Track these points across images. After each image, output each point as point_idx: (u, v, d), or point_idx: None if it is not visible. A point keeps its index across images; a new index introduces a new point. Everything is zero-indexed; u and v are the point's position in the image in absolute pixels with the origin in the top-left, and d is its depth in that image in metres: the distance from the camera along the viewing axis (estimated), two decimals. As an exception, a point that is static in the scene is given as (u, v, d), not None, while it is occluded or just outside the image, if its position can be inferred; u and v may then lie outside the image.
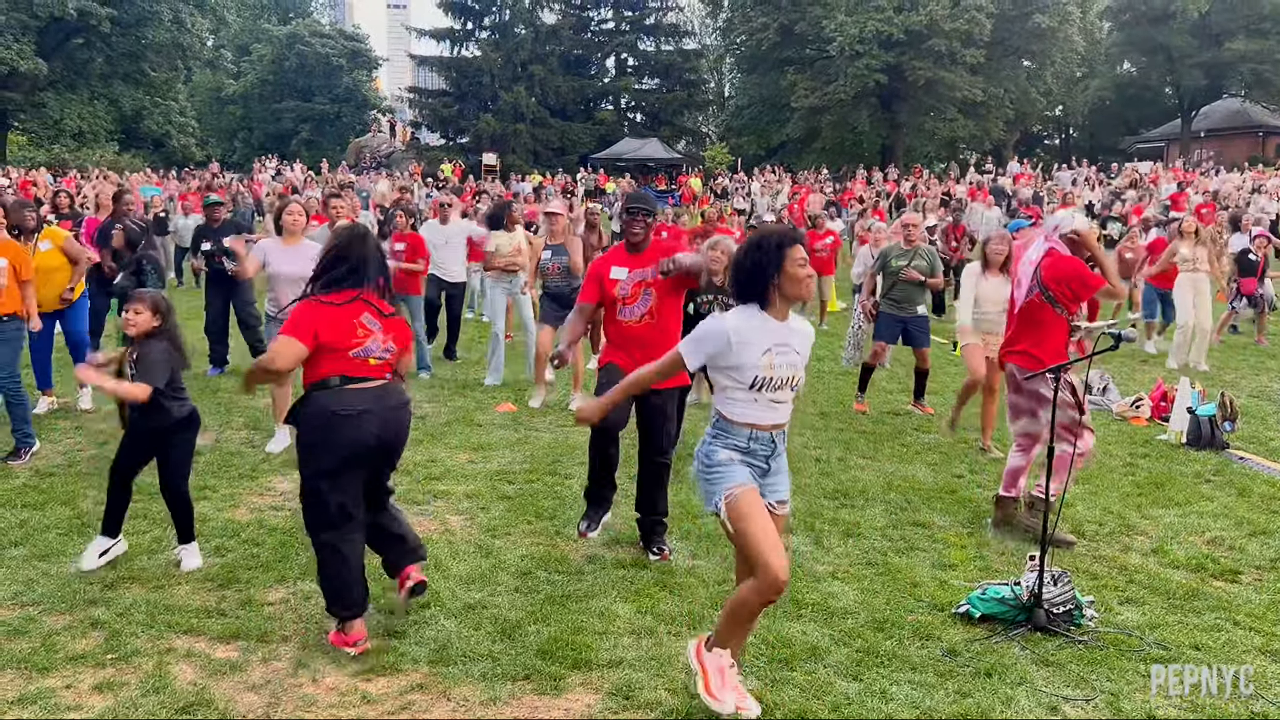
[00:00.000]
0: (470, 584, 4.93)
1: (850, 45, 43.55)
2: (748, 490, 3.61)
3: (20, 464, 6.75)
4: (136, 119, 48.12)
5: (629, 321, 5.22)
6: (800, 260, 3.60)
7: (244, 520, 5.76)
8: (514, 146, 47.60)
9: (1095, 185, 32.08)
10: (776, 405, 3.68)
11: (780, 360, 3.62)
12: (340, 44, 60.56)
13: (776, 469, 3.77)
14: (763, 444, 3.69)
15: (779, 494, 3.78)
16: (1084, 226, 5.78)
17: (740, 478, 3.64)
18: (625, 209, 5.35)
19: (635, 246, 5.26)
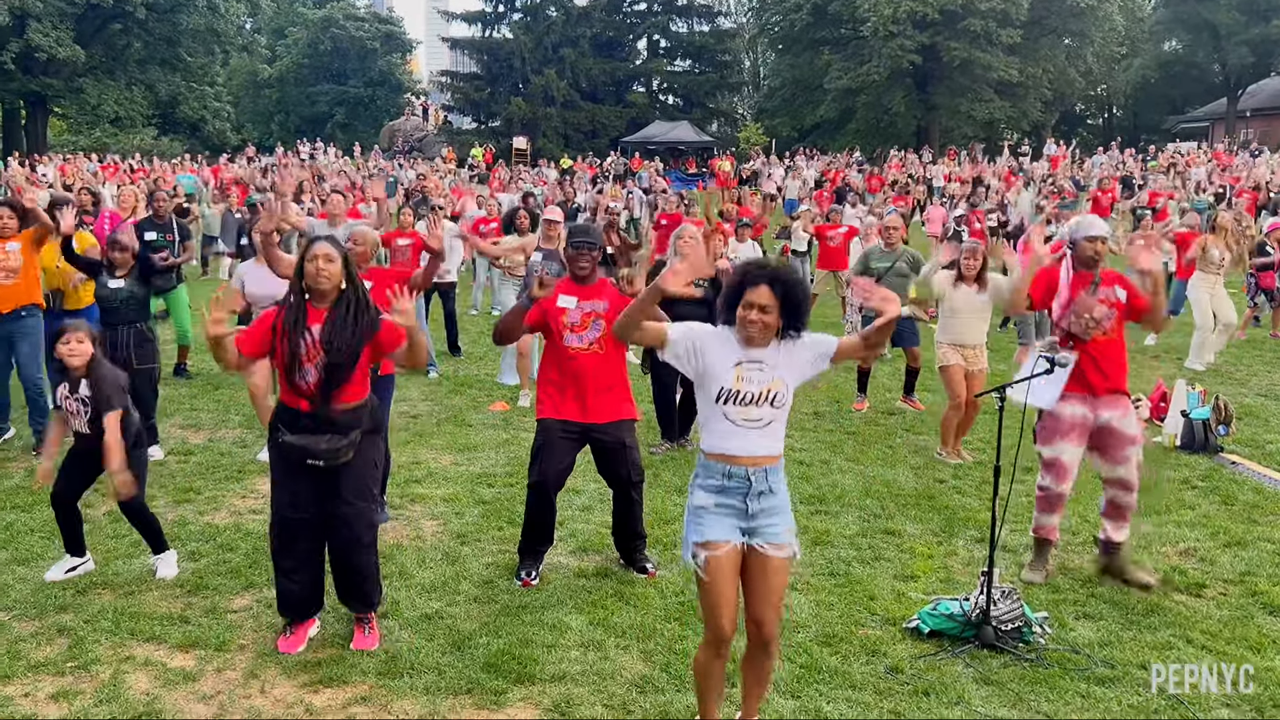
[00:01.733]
0: (431, 593, 5.03)
1: (884, 25, 43.05)
2: (714, 556, 3.50)
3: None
4: (173, 104, 48.70)
5: (576, 348, 5.11)
6: (750, 302, 3.48)
7: (221, 524, 5.89)
8: (544, 130, 47.60)
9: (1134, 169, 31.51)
10: (752, 428, 3.52)
11: (751, 375, 3.53)
12: (374, 27, 60.72)
13: (764, 509, 3.56)
14: (738, 481, 3.53)
15: (770, 536, 3.56)
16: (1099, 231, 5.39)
17: (710, 532, 3.52)
18: (570, 243, 5.26)
19: (582, 280, 5.24)
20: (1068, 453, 5.26)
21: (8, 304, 7.08)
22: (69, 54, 42.00)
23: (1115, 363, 5.26)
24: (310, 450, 4.19)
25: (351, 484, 4.31)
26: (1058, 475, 5.29)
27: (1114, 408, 5.24)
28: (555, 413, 5.19)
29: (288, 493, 4.32)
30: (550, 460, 5.19)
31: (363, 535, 4.40)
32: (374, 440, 4.43)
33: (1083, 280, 5.27)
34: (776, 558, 3.57)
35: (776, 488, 3.60)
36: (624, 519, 5.39)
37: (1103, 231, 5.34)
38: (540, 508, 5.25)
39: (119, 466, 4.77)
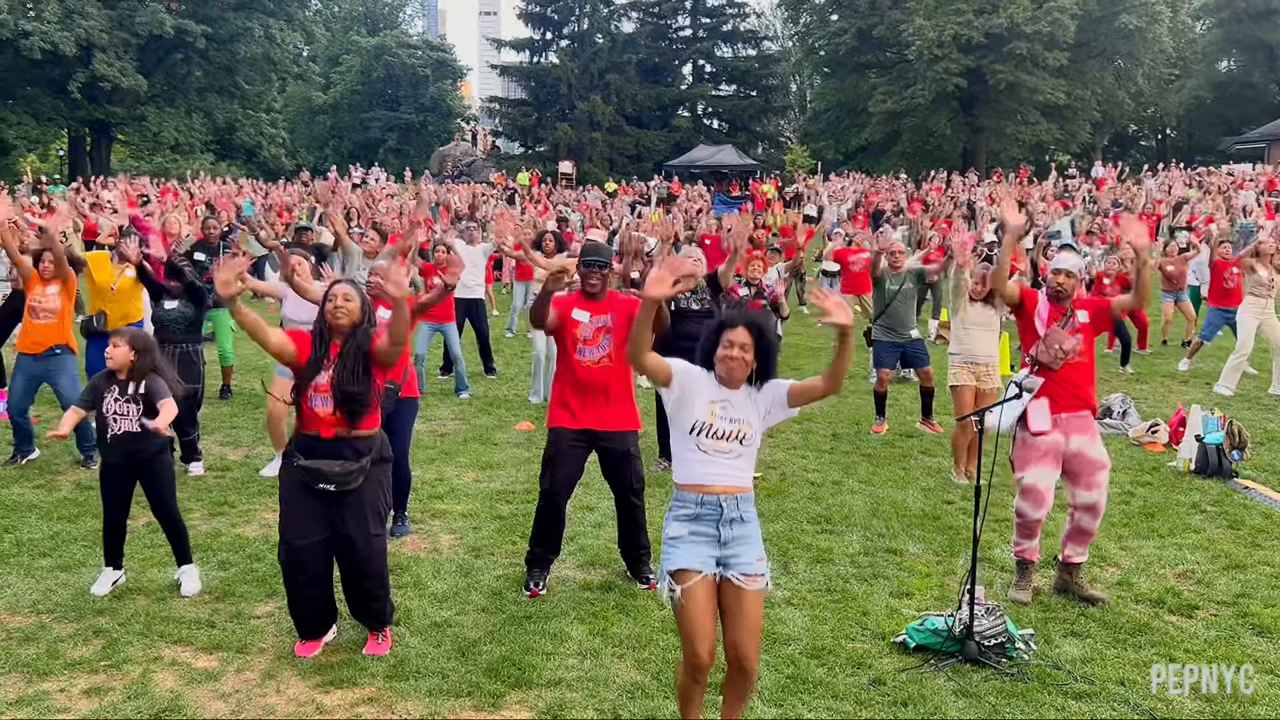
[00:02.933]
0: (443, 602, 5.30)
1: (929, 49, 43.15)
2: (689, 586, 3.63)
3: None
4: (230, 130, 50.14)
5: (587, 362, 5.36)
6: (728, 342, 3.72)
7: (251, 536, 6.22)
8: (590, 154, 48.22)
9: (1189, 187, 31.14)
10: (722, 460, 3.70)
11: (724, 413, 3.74)
12: (426, 54, 62.09)
13: (737, 537, 3.70)
14: (710, 509, 3.68)
15: (743, 566, 3.68)
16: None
17: (685, 560, 3.65)
18: (582, 261, 5.54)
19: (592, 295, 5.50)
20: (1043, 479, 5.42)
21: (43, 344, 7.49)
22: (132, 83, 43.47)
23: (1077, 384, 5.42)
24: (323, 474, 4.45)
25: (360, 510, 4.53)
26: (1034, 502, 5.45)
27: (1083, 432, 5.40)
28: (566, 422, 5.45)
29: (295, 518, 4.55)
30: (560, 470, 5.45)
31: (376, 561, 4.61)
32: (384, 469, 4.68)
33: (1057, 313, 5.45)
34: (750, 590, 3.68)
35: (747, 516, 3.77)
36: (628, 528, 5.62)
37: (1068, 265, 5.56)
38: (550, 515, 5.51)
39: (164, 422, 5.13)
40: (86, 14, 41.92)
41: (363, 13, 69.51)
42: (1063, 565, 5.58)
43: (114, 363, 5.26)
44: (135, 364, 5.26)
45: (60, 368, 7.56)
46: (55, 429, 5.20)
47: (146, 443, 5.22)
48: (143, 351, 5.33)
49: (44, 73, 42.83)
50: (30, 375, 7.61)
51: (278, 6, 48.58)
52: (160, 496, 5.36)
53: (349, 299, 4.52)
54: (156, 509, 5.39)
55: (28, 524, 6.38)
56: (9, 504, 6.75)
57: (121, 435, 5.23)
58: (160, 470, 5.33)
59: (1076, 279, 5.64)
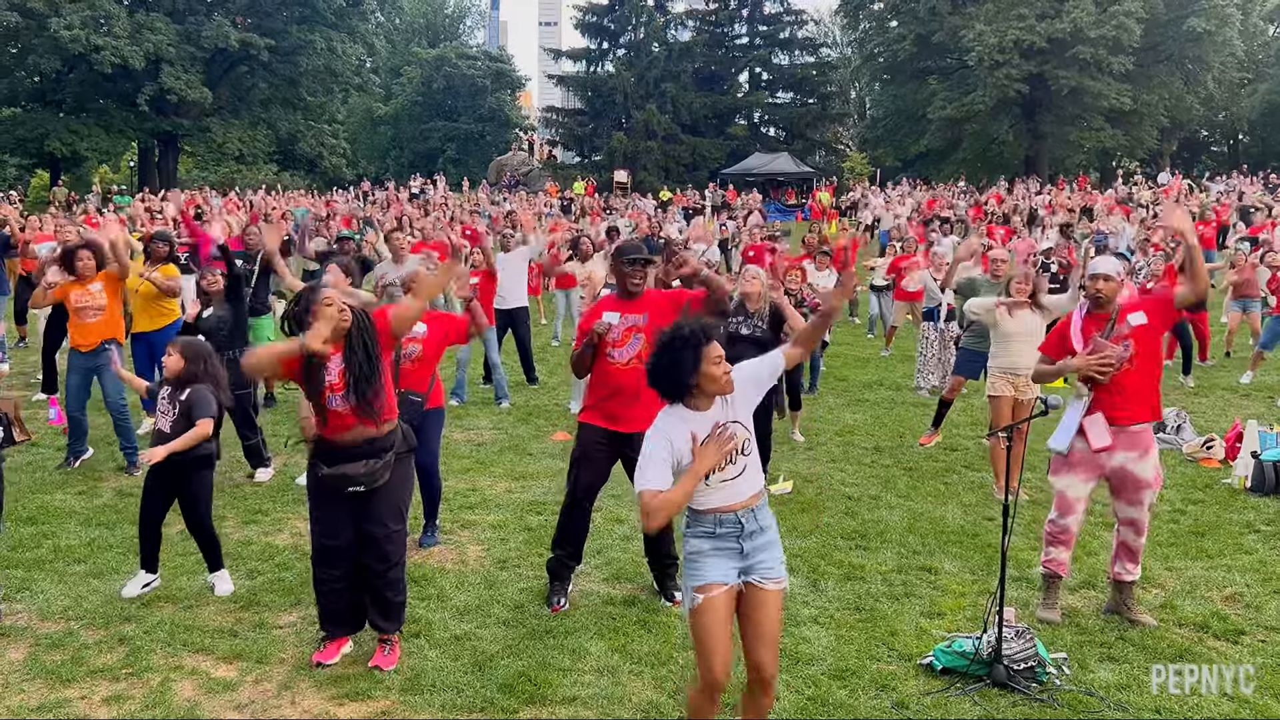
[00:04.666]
0: (464, 615, 5.27)
1: (990, 55, 42.40)
2: (711, 597, 3.57)
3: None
4: (292, 141, 51.01)
5: (618, 364, 5.32)
6: (716, 358, 3.56)
7: (281, 545, 6.26)
8: (645, 163, 48.24)
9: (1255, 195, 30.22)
10: (732, 484, 3.61)
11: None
12: (485, 65, 62.64)
13: (758, 546, 3.64)
14: (729, 526, 3.61)
15: (765, 571, 3.63)
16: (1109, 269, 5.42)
17: (710, 575, 3.59)
18: (627, 260, 5.44)
19: (630, 294, 5.41)
20: (1074, 488, 5.26)
21: (93, 340, 7.66)
22: (198, 96, 44.44)
23: (1137, 393, 5.20)
24: (350, 477, 4.49)
25: (385, 506, 4.61)
26: (1063, 509, 5.32)
27: (1131, 448, 5.20)
28: (595, 419, 5.43)
29: (326, 522, 4.64)
30: (584, 474, 5.43)
31: (393, 557, 4.68)
32: (407, 460, 4.74)
33: (1096, 322, 5.24)
34: (773, 591, 3.64)
35: (765, 523, 3.69)
36: (656, 543, 5.54)
37: (1105, 269, 5.35)
38: (575, 518, 5.49)
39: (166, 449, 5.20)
40: (155, 29, 42.97)
41: (424, 25, 70.44)
42: (1113, 583, 5.39)
43: (170, 372, 5.40)
44: (184, 371, 5.36)
45: (106, 364, 7.71)
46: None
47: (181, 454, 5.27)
48: (191, 360, 5.43)
49: (114, 86, 43.96)
50: (83, 371, 7.81)
51: (340, 20, 49.35)
52: (193, 508, 5.43)
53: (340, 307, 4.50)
54: (189, 520, 5.47)
55: (67, 530, 6.49)
56: (51, 510, 6.88)
57: (158, 432, 5.36)
58: (196, 483, 5.41)
59: (1116, 283, 5.43)
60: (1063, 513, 5.34)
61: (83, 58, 41.46)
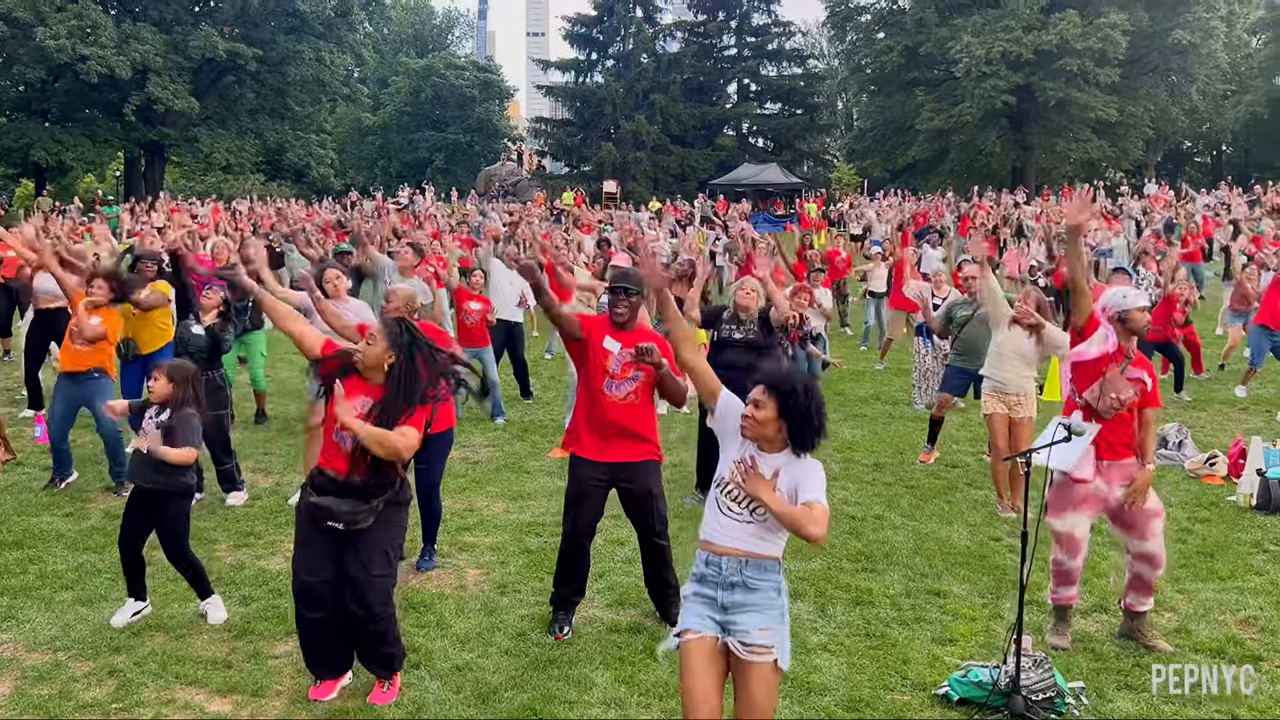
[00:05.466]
0: (465, 644, 5.13)
1: (977, 66, 42.60)
2: (686, 643, 3.48)
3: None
4: (279, 151, 50.79)
5: (614, 398, 5.12)
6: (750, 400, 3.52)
7: (276, 570, 6.10)
8: (634, 174, 48.23)
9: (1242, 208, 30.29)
10: (731, 520, 3.50)
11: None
12: (473, 75, 62.55)
13: (737, 604, 3.45)
14: (712, 569, 3.49)
15: (742, 634, 3.43)
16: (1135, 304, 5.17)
17: (687, 619, 3.51)
18: (609, 288, 5.32)
19: (621, 325, 5.25)
20: (1080, 526, 5.15)
21: (82, 365, 7.42)
22: (185, 105, 44.19)
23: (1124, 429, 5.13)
24: (331, 512, 4.27)
25: (366, 550, 4.33)
26: (1071, 549, 5.18)
27: (1127, 480, 5.11)
28: (588, 452, 5.24)
29: (306, 555, 4.40)
30: (583, 512, 5.27)
31: (375, 605, 4.36)
32: (400, 512, 4.49)
33: (1119, 354, 5.12)
34: (753, 663, 3.42)
35: (754, 583, 3.48)
36: (653, 567, 5.42)
37: (1145, 303, 5.22)
38: (575, 556, 5.33)
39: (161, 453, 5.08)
40: (142, 38, 42.75)
41: (412, 35, 70.34)
42: (1126, 612, 5.30)
43: (156, 396, 5.23)
44: (171, 395, 5.22)
45: (97, 391, 7.50)
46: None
47: (163, 477, 5.12)
48: (181, 383, 5.28)
49: (101, 96, 43.74)
50: (69, 398, 7.58)
51: (328, 30, 49.20)
52: (170, 541, 5.26)
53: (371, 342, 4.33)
54: (168, 552, 5.31)
55: (54, 555, 6.32)
56: (37, 533, 6.70)
57: (136, 453, 5.22)
58: (171, 515, 5.23)
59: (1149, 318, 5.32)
60: (1073, 553, 5.19)
61: (69, 67, 41.26)
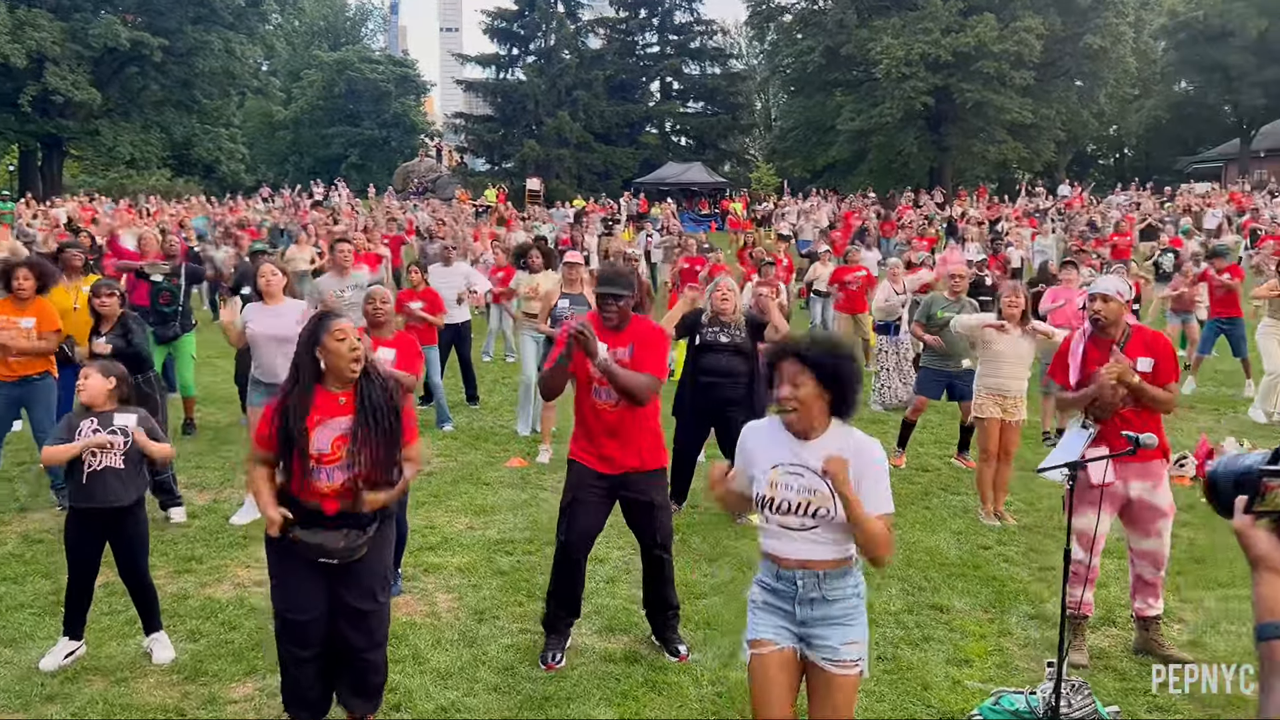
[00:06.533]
0: (447, 679, 4.66)
1: (897, 68, 43.01)
2: (760, 655, 3.23)
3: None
4: (187, 145, 48.87)
5: (604, 404, 4.76)
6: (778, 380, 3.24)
7: (224, 599, 5.53)
8: (558, 171, 47.59)
9: (1155, 209, 31.06)
10: (790, 534, 3.21)
11: (789, 481, 3.19)
12: (389, 70, 61.31)
13: (816, 618, 3.20)
14: (785, 584, 3.22)
15: (823, 650, 3.18)
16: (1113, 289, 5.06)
17: (760, 629, 3.26)
18: (599, 291, 4.87)
19: (612, 329, 4.83)
20: (1102, 524, 4.95)
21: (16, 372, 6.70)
22: (86, 96, 42.19)
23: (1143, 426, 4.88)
24: (326, 550, 3.75)
25: (364, 580, 3.86)
26: (1083, 544, 4.94)
27: (1145, 478, 4.92)
28: (587, 460, 4.86)
29: (292, 592, 3.86)
30: (579, 521, 4.84)
31: (378, 633, 3.94)
32: (389, 527, 4.01)
33: (1099, 347, 4.90)
34: (836, 675, 3.19)
35: (833, 594, 3.19)
36: (654, 585, 5.01)
37: (1105, 288, 4.99)
38: (567, 572, 4.90)
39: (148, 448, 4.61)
40: (38, 25, 40.61)
41: (324, 28, 68.65)
42: (1137, 621, 5.09)
43: (86, 395, 4.62)
44: (115, 393, 4.62)
45: (35, 396, 6.80)
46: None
47: (126, 488, 4.55)
48: (121, 378, 4.70)
49: (-7, 85, 41.61)
50: (7, 398, 6.80)
51: (238, 20, 47.48)
52: (131, 555, 4.70)
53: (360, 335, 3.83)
54: (125, 569, 4.73)
55: (-34, 586, 5.65)
56: (-54, 561, 6.01)
57: (100, 472, 4.55)
58: (133, 525, 4.67)
59: (1118, 303, 5.06)
60: (1084, 547, 4.98)
61: (-42, 55, 39.07)
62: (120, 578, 4.77)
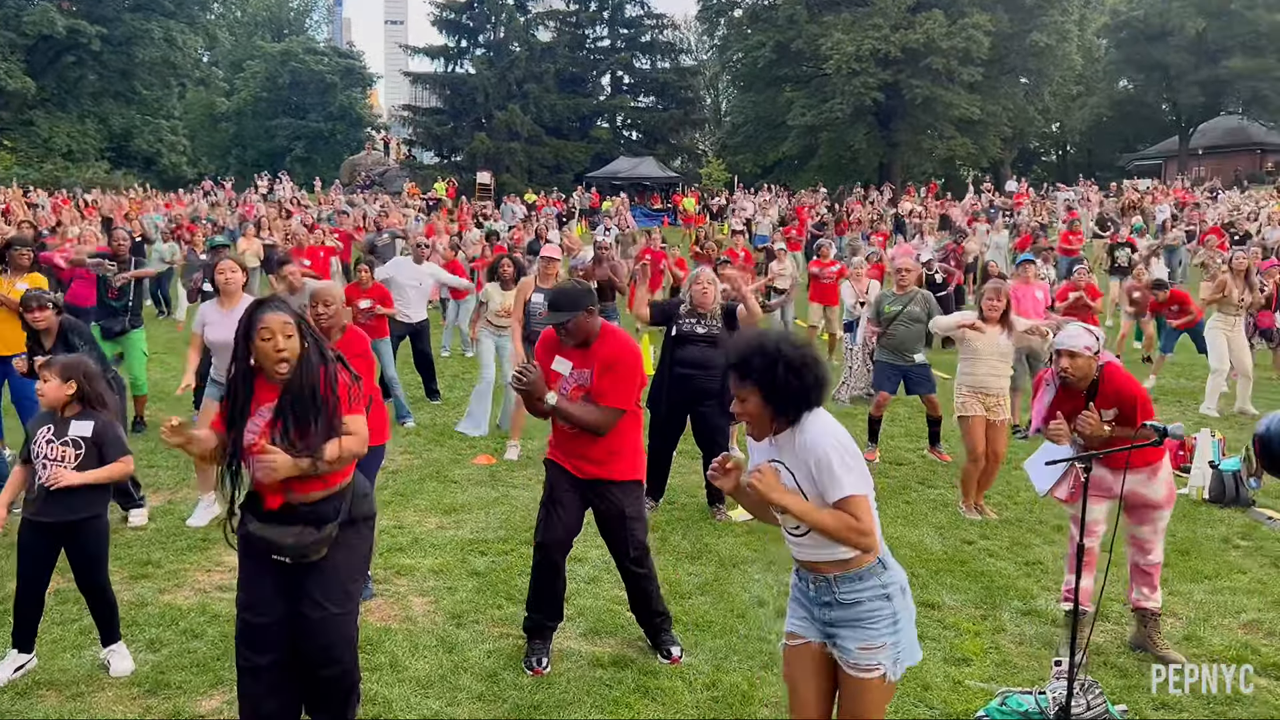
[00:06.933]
0: (428, 689, 4.41)
1: (847, 63, 43.20)
2: (791, 646, 3.20)
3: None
4: (126, 137, 47.63)
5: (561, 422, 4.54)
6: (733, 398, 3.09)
7: (185, 605, 5.23)
8: (508, 165, 47.09)
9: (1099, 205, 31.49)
10: (792, 537, 3.12)
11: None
12: (335, 61, 60.22)
13: (836, 621, 3.08)
14: (805, 583, 3.15)
15: (844, 653, 3.06)
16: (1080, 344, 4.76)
17: (790, 622, 3.23)
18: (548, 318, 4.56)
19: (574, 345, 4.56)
20: (1089, 511, 4.84)
21: None
22: (19, 85, 40.95)
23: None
24: (275, 544, 3.50)
25: (324, 583, 3.58)
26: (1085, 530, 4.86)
27: (1138, 470, 4.84)
28: (560, 459, 4.67)
29: (251, 590, 3.61)
30: (554, 518, 4.62)
31: (335, 644, 3.61)
32: (359, 531, 3.72)
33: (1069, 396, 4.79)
34: (853, 677, 3.06)
35: (848, 598, 3.05)
36: (638, 598, 4.80)
37: (1072, 344, 4.72)
38: (547, 575, 4.67)
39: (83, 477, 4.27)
40: (-32, 12, 39.47)
41: (267, 18, 67.30)
42: (1134, 612, 4.99)
43: (46, 400, 4.30)
44: (76, 396, 4.31)
45: None
46: None
47: (85, 501, 4.24)
48: (85, 378, 4.38)
49: (-79, 73, 40.21)
50: None
51: (178, 9, 46.38)
52: (90, 566, 4.39)
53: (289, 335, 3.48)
54: (83, 580, 4.42)
55: (-96, 596, 5.28)
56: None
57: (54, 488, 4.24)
58: (92, 534, 4.36)
59: (1086, 359, 4.75)
60: (1086, 533, 4.89)
61: (-117, 41, 37.69)
62: (77, 586, 4.46)
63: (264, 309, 3.50)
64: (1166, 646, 4.93)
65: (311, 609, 3.57)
